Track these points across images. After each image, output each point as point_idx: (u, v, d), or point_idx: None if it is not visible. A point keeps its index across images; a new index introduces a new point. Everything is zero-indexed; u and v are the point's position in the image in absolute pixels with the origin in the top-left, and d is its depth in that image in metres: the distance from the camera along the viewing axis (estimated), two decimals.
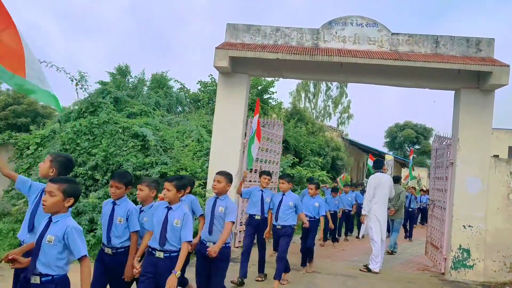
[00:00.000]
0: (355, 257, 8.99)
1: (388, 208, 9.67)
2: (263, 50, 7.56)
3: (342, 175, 13.91)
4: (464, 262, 7.38)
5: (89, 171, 8.46)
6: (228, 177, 4.51)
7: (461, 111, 7.61)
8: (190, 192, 5.05)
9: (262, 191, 6.33)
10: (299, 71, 8.19)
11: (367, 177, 23.88)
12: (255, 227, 6.28)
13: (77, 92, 11.19)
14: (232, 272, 5.81)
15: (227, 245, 4.30)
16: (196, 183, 8.11)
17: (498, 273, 7.35)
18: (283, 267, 5.99)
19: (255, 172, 8.60)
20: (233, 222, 4.36)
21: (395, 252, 9.69)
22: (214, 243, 4.22)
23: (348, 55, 7.41)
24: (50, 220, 2.96)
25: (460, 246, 7.40)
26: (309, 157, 15.32)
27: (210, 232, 4.36)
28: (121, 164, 8.61)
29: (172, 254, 3.71)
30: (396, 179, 10.61)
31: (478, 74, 7.55)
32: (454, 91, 8.00)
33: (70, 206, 3.02)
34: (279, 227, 6.04)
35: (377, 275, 7.32)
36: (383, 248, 7.75)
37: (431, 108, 77.76)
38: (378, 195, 7.67)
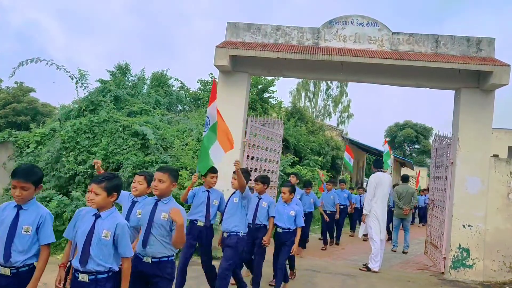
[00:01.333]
0: (354, 256, 9.00)
1: (400, 208, 9.79)
2: (264, 49, 7.55)
3: (321, 173, 11.68)
4: (464, 262, 7.38)
5: (89, 170, 8.46)
6: (173, 174, 3.57)
7: (461, 110, 7.61)
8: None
9: (208, 191, 5.25)
10: (299, 70, 8.19)
11: (367, 176, 23.77)
12: (197, 236, 5.16)
13: (77, 91, 11.22)
14: None
15: (169, 258, 3.45)
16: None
17: (498, 272, 7.36)
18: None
19: (255, 171, 8.59)
20: None
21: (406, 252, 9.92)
22: (153, 258, 3.39)
23: (348, 54, 7.40)
24: None
25: (460, 245, 7.41)
26: (309, 156, 15.34)
27: (144, 244, 3.41)
28: (121, 162, 8.62)
29: (98, 276, 2.91)
30: (405, 178, 10.57)
31: (479, 74, 7.54)
32: (454, 91, 8.00)
33: None
34: (225, 234, 4.99)
35: (376, 274, 7.32)
36: (383, 248, 7.76)
37: (431, 107, 77.74)
38: (378, 195, 7.68)
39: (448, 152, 8.07)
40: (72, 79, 11.05)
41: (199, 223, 5.15)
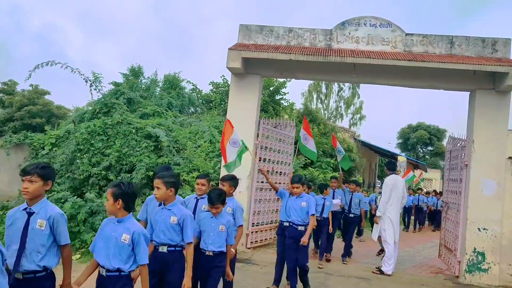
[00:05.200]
0: (367, 259, 8.92)
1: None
2: (276, 51, 7.55)
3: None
4: (479, 266, 7.28)
5: (103, 171, 8.55)
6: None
7: (476, 112, 7.52)
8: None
9: None
10: (311, 72, 8.17)
11: (379, 178, 23.55)
12: None
13: (91, 93, 11.39)
14: None
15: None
16: None
17: None
18: None
19: (267, 173, 8.57)
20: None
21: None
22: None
23: (361, 56, 7.37)
24: None
25: (475, 249, 7.30)
26: (321, 158, 15.26)
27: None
28: (134, 164, 8.69)
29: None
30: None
31: (494, 75, 7.44)
32: (469, 92, 7.91)
33: None
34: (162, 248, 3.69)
35: (389, 278, 7.26)
36: (396, 251, 7.68)
37: (445, 109, 76.89)
38: (393, 197, 7.61)
39: (463, 154, 7.97)
40: (86, 81, 11.20)
41: None
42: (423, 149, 47.14)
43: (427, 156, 45.92)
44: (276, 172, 8.88)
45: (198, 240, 4.16)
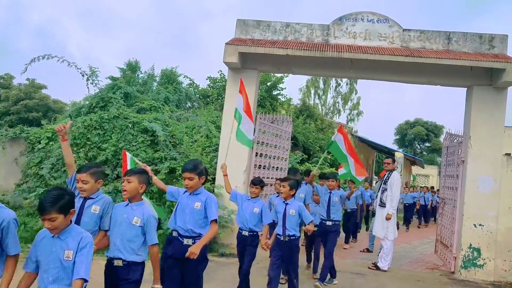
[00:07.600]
0: (363, 255, 8.95)
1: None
2: (273, 46, 7.52)
3: None
4: (474, 261, 7.31)
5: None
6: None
7: (473, 108, 7.52)
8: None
9: None
10: (309, 67, 8.15)
11: (377, 174, 23.51)
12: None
13: (88, 87, 11.33)
14: None
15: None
16: None
17: (509, 272, 7.27)
18: None
19: (264, 168, 8.58)
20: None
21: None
22: None
23: (358, 51, 7.35)
24: None
25: (471, 245, 7.33)
26: (318, 153, 15.27)
27: None
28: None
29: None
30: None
31: (491, 71, 7.43)
32: (466, 88, 7.90)
33: None
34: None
35: (385, 273, 7.28)
36: (393, 247, 7.69)
37: (442, 105, 77.00)
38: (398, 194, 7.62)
39: (460, 150, 7.98)
40: (83, 76, 11.14)
41: None
42: (421, 145, 47.24)
43: (424, 153, 46.02)
44: (273, 167, 8.87)
45: None
